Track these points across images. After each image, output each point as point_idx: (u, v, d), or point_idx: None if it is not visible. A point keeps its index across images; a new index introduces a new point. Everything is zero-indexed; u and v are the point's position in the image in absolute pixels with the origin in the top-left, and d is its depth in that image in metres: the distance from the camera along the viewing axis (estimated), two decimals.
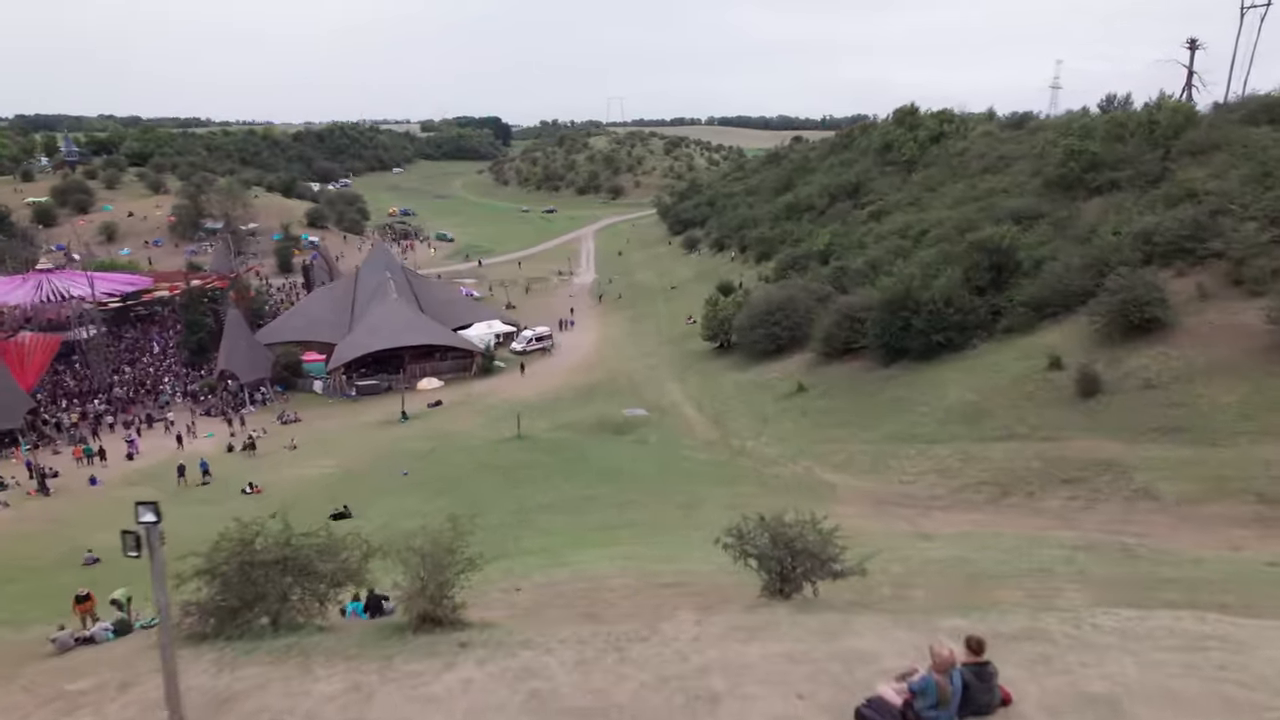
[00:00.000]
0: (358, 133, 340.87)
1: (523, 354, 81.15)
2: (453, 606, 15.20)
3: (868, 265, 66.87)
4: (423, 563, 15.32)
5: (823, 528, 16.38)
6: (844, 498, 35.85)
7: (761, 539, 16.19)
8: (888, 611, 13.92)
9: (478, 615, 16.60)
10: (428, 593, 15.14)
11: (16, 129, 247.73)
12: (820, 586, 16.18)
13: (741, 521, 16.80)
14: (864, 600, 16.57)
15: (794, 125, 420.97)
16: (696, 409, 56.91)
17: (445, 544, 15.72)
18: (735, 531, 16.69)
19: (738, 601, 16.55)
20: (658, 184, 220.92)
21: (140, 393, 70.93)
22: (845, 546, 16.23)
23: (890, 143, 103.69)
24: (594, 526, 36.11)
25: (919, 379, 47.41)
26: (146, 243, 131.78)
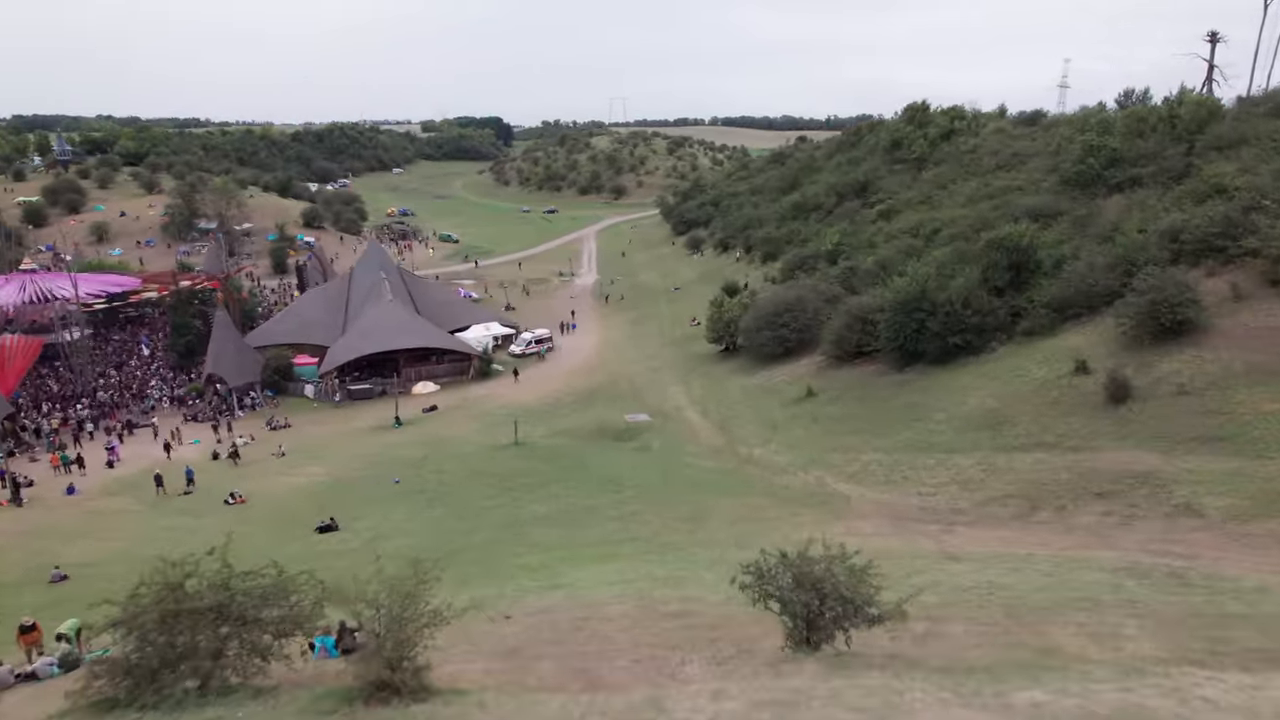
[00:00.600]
0: (357, 133, 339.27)
1: (521, 357, 79.20)
2: (414, 670, 12.66)
3: (878, 265, 64.90)
4: (377, 617, 12.84)
5: (854, 563, 14.33)
6: (860, 511, 33.87)
7: (784, 578, 14.12)
8: (941, 672, 11.89)
9: (451, 671, 14.48)
10: (384, 654, 12.54)
11: (11, 129, 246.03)
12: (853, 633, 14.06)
13: (760, 558, 14.76)
14: (903, 650, 14.55)
15: (798, 125, 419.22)
16: (701, 414, 54.95)
17: (405, 592, 13.20)
18: (754, 569, 14.64)
19: (756, 652, 14.56)
20: (661, 184, 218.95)
21: (125, 397, 69.04)
22: (880, 586, 14.17)
23: (899, 140, 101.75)
24: (593, 541, 34.15)
25: (935, 384, 45.46)
26: (139, 243, 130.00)
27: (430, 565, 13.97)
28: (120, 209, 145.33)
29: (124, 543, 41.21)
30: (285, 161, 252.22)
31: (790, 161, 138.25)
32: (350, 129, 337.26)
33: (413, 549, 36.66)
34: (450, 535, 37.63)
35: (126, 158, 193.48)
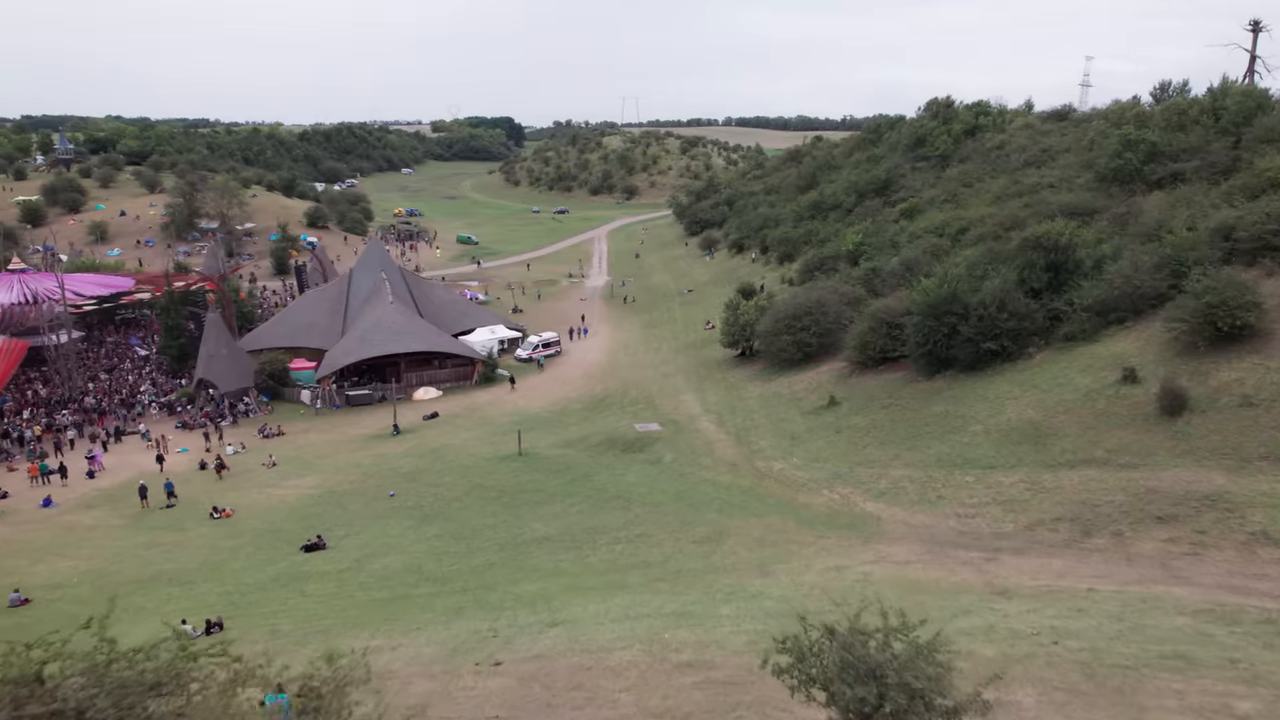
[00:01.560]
0: (366, 132, 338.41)
1: (527, 361, 76.73)
2: None
3: (903, 266, 62.06)
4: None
5: (919, 637, 11.60)
6: (891, 534, 31.16)
7: (830, 659, 11.27)
8: None
9: None
10: None
11: (16, 128, 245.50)
12: None
13: (801, 633, 11.93)
14: None
15: (814, 126, 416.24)
16: (716, 424, 52.28)
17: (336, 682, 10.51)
18: (792, 646, 11.71)
19: None
20: (674, 184, 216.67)
21: (113, 403, 66.85)
22: (952, 667, 11.44)
23: (922, 137, 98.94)
24: (598, 567, 31.63)
25: (968, 393, 42.68)
26: (138, 242, 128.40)
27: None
28: (121, 208, 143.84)
29: (97, 561, 39.03)
30: (292, 161, 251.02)
31: (807, 160, 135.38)
32: (359, 129, 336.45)
33: (404, 571, 34.34)
34: (445, 556, 35.16)
35: (130, 157, 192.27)
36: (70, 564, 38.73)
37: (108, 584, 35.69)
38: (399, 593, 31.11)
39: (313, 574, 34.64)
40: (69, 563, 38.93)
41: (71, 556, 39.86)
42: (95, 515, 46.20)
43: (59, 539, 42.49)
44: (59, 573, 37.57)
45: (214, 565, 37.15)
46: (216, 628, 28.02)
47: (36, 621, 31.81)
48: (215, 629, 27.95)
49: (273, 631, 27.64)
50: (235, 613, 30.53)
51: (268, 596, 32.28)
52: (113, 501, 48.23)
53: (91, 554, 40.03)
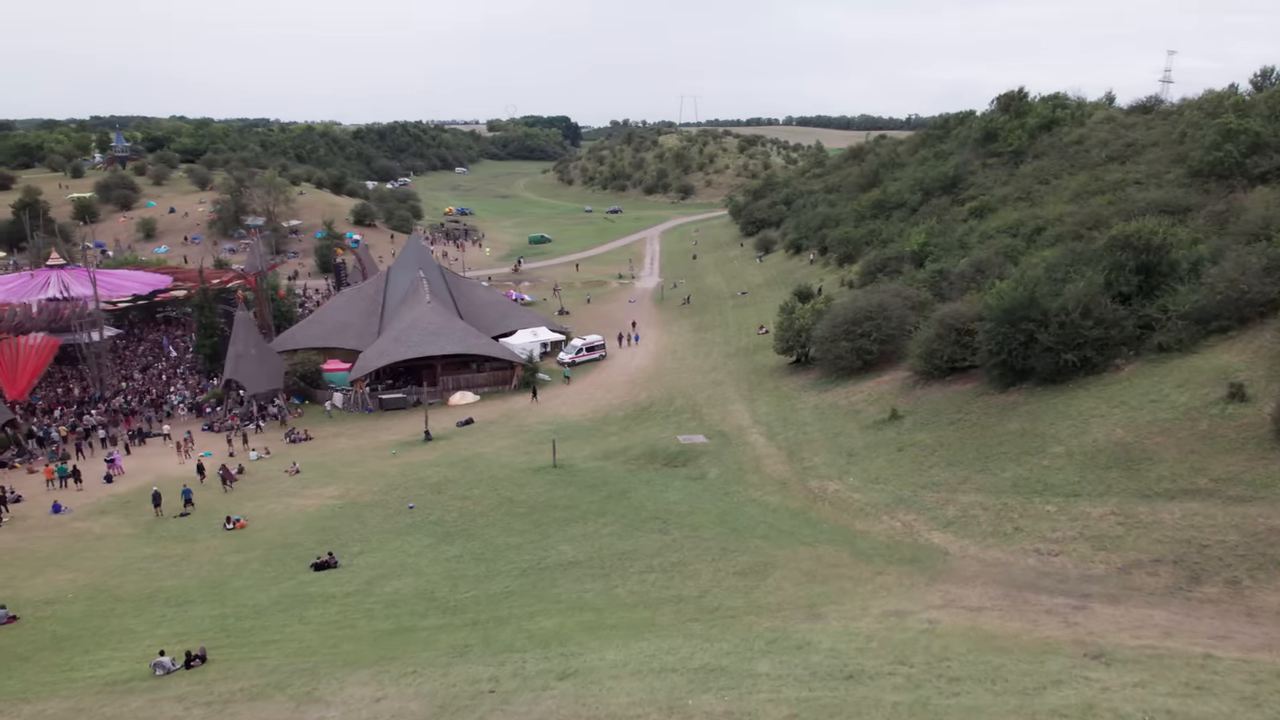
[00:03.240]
0: (420, 131, 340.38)
1: (571, 365, 74.10)
2: None
3: (973, 268, 58.10)
4: None
5: None
6: (961, 572, 27.58)
7: None
8: None
9: None
10: None
11: (78, 127, 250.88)
12: None
13: None
14: None
15: (877, 125, 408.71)
16: (767, 437, 48.92)
17: None
18: None
19: None
20: (730, 183, 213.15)
21: (142, 403, 65.68)
22: None
23: (994, 132, 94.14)
24: (626, 600, 28.57)
25: (1047, 408, 38.75)
26: (185, 239, 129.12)
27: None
28: (171, 205, 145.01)
29: (97, 575, 37.09)
30: (345, 159, 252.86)
31: (870, 158, 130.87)
32: (413, 127, 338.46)
33: (414, 597, 31.69)
34: (461, 581, 32.42)
35: (184, 155, 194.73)
36: (70, 577, 36.87)
37: (103, 601, 33.73)
38: (404, 624, 28.41)
39: (317, 597, 32.16)
40: (69, 575, 37.07)
41: (73, 568, 38.01)
42: (106, 523, 44.49)
43: (64, 548, 40.76)
44: (56, 586, 35.70)
45: (216, 583, 34.93)
46: (198, 660, 25.58)
47: (18, 642, 29.97)
48: (196, 662, 25.53)
49: (258, 667, 25.12)
50: (226, 640, 28.16)
51: (264, 623, 29.84)
52: (126, 508, 46.56)
53: (93, 566, 38.15)
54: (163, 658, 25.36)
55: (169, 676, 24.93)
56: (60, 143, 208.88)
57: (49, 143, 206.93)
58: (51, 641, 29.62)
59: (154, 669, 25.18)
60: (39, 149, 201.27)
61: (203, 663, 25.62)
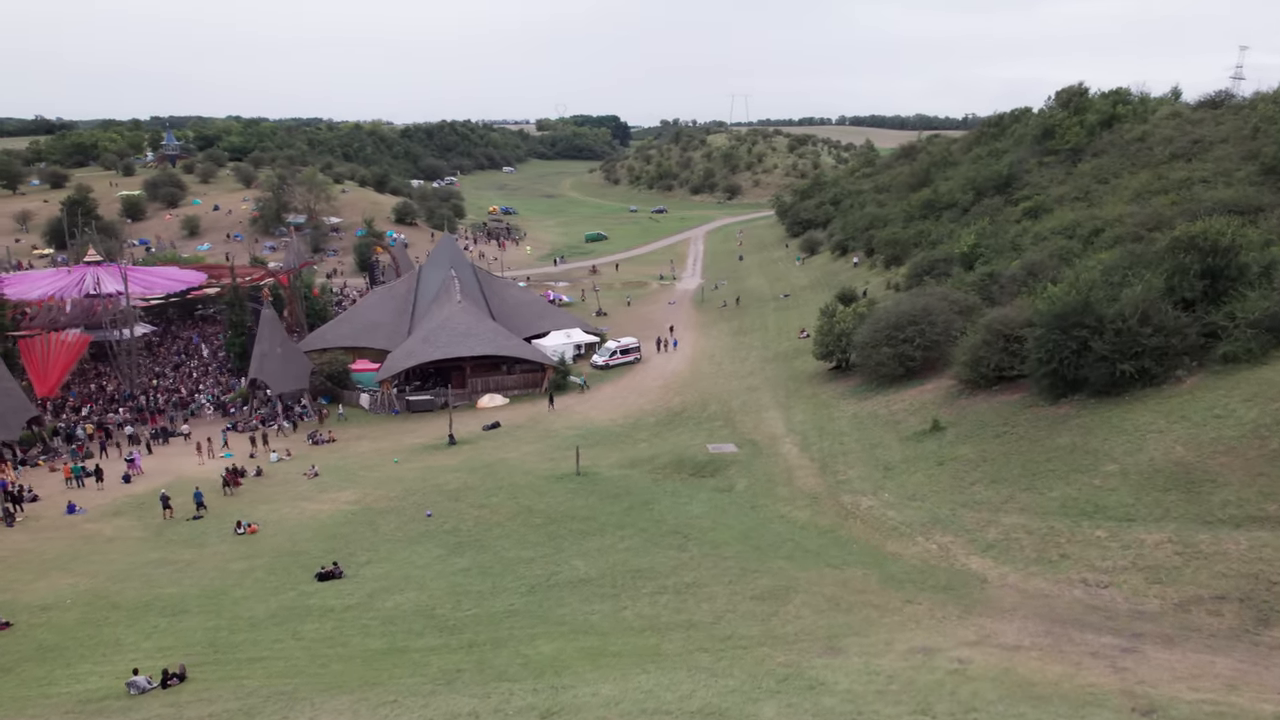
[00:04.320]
0: (468, 130, 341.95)
1: (603, 369, 72.57)
2: None
3: (1024, 271, 55.35)
4: None
5: None
6: (999, 603, 25.35)
7: None
8: None
9: None
10: None
11: (131, 125, 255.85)
12: None
13: None
14: None
15: (932, 125, 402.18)
16: (800, 447, 46.81)
17: None
18: None
19: None
20: (779, 183, 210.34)
21: (169, 402, 65.43)
22: None
23: (1051, 128, 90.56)
24: (634, 624, 26.80)
25: (1101, 422, 36.17)
26: (227, 236, 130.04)
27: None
28: (216, 203, 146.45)
29: (100, 580, 36.31)
30: (392, 158, 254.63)
31: (921, 156, 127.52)
32: (461, 126, 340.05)
33: (414, 614, 30.23)
34: (465, 598, 30.92)
35: (232, 153, 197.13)
36: (72, 581, 36.14)
37: (99, 609, 32.83)
38: (398, 643, 26.96)
39: (315, 610, 30.88)
40: (71, 579, 36.35)
41: (77, 572, 37.30)
42: (118, 525, 43.87)
43: (71, 550, 40.14)
44: (57, 591, 34.96)
45: (217, 592, 33.87)
46: (176, 679, 24.37)
47: (3, 652, 29.04)
48: (174, 681, 24.31)
49: (236, 688, 23.84)
50: (213, 656, 26.96)
51: (256, 637, 28.60)
52: (141, 509, 45.93)
53: (98, 570, 37.40)
54: (137, 677, 24.20)
55: (143, 696, 23.76)
56: (114, 141, 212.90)
57: (103, 141, 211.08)
58: (37, 652, 28.68)
59: (129, 688, 24.02)
60: (93, 148, 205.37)
61: (181, 682, 24.42)
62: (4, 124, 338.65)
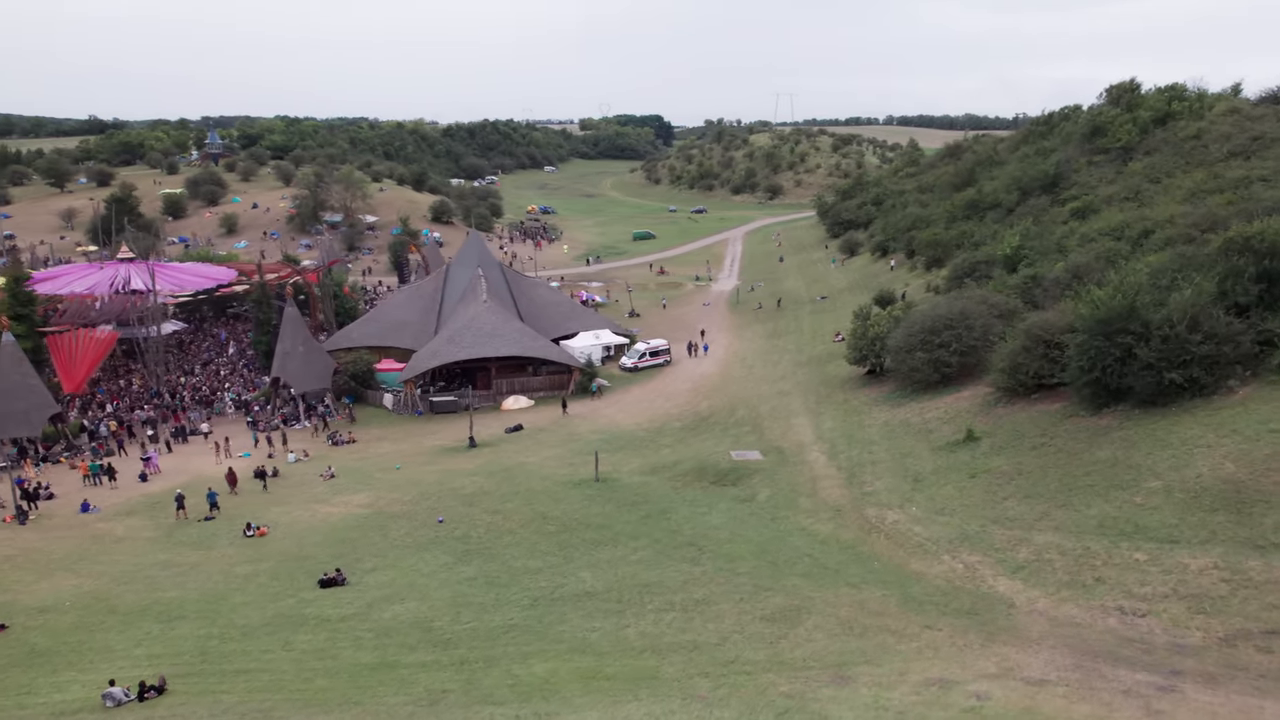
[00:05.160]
0: (510, 129, 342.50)
1: (632, 371, 71.33)
2: None
3: (1069, 273, 53.16)
4: None
5: None
6: (1025, 631, 23.61)
7: None
8: None
9: None
10: None
11: (178, 125, 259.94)
12: None
13: None
14: None
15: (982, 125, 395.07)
16: (828, 455, 45.15)
17: None
18: None
19: None
20: (821, 183, 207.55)
21: (193, 399, 65.36)
22: None
23: (1101, 126, 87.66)
24: (634, 643, 25.47)
25: (1144, 435, 34.12)
26: (264, 234, 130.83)
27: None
28: (255, 201, 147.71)
29: (103, 581, 35.83)
30: (434, 157, 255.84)
31: (967, 156, 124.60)
32: (503, 125, 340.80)
33: (411, 626, 29.15)
34: (465, 610, 29.80)
35: (274, 151, 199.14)
36: (76, 582, 35.69)
37: (96, 612, 32.26)
38: (389, 657, 25.90)
39: (312, 619, 29.97)
40: (75, 580, 35.92)
41: (82, 573, 36.87)
42: (129, 524, 43.48)
43: (79, 550, 39.76)
44: (58, 593, 34.48)
45: (216, 597, 33.14)
46: (153, 692, 23.51)
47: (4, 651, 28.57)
48: (151, 693, 23.46)
49: (213, 704, 22.96)
50: (198, 667, 26.14)
51: (247, 647, 27.73)
52: (154, 509, 45.54)
53: (102, 571, 36.95)
54: (113, 688, 23.39)
55: (118, 709, 22.97)
56: (160, 140, 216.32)
57: (150, 141, 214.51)
58: (26, 657, 28.07)
59: (104, 700, 23.23)
60: (140, 147, 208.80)
61: (158, 694, 23.57)
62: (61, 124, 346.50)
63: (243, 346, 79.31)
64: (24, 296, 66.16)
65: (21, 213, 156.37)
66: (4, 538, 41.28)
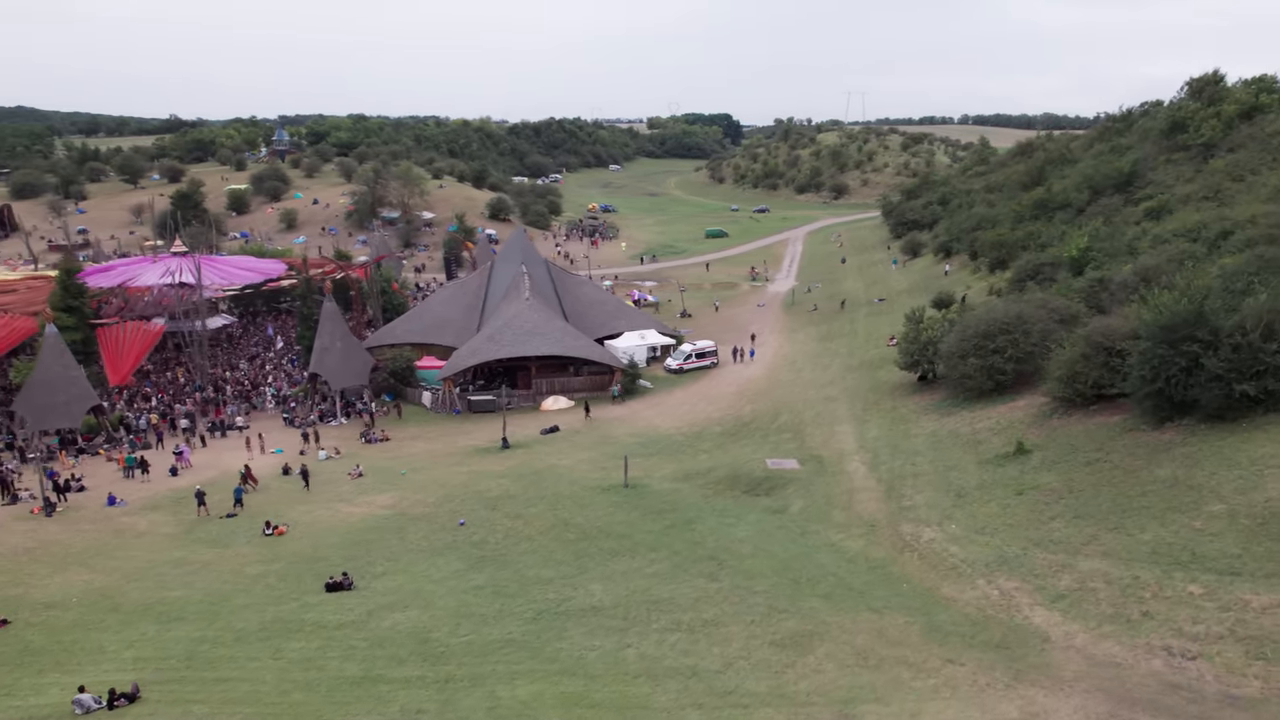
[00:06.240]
0: (575, 127, 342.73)
1: (676, 373, 69.64)
2: None
3: (1138, 276, 50.02)
4: None
5: None
6: (1058, 670, 21.37)
7: None
8: None
9: None
10: None
11: (248, 122, 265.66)
12: None
13: None
14: None
15: (1061, 125, 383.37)
16: (869, 466, 42.91)
17: None
18: None
19: None
20: (888, 183, 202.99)
21: (234, 394, 65.51)
22: None
23: (1181, 121, 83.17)
24: (631, 667, 23.85)
25: (1210, 453, 31.36)
26: (323, 230, 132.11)
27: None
28: (315, 197, 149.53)
29: (115, 577, 35.47)
30: (499, 155, 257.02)
31: (1037, 154, 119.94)
32: (569, 124, 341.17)
33: (406, 636, 27.89)
34: (466, 620, 28.53)
35: (340, 148, 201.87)
36: (87, 578, 35.36)
37: (99, 611, 31.79)
38: (374, 671, 24.69)
39: (308, 625, 28.97)
40: (87, 576, 35.60)
41: (96, 568, 36.57)
42: (152, 520, 43.22)
43: (98, 544, 39.56)
44: (68, 589, 34.17)
45: (219, 598, 32.41)
46: (123, 700, 22.67)
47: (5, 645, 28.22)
48: (121, 702, 22.60)
49: (183, 715, 22.03)
50: (182, 673, 25.31)
51: (235, 653, 26.80)
52: (179, 504, 45.21)
53: (115, 567, 36.60)
54: (83, 695, 22.61)
55: (87, 717, 22.12)
56: (231, 138, 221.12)
57: (221, 138, 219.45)
58: (17, 656, 27.57)
59: (74, 707, 22.42)
60: (211, 144, 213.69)
61: (129, 703, 22.73)
62: (145, 123, 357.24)
63: (290, 341, 79.60)
64: (75, 289, 67.12)
65: (96, 208, 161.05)
66: (28, 529, 41.32)
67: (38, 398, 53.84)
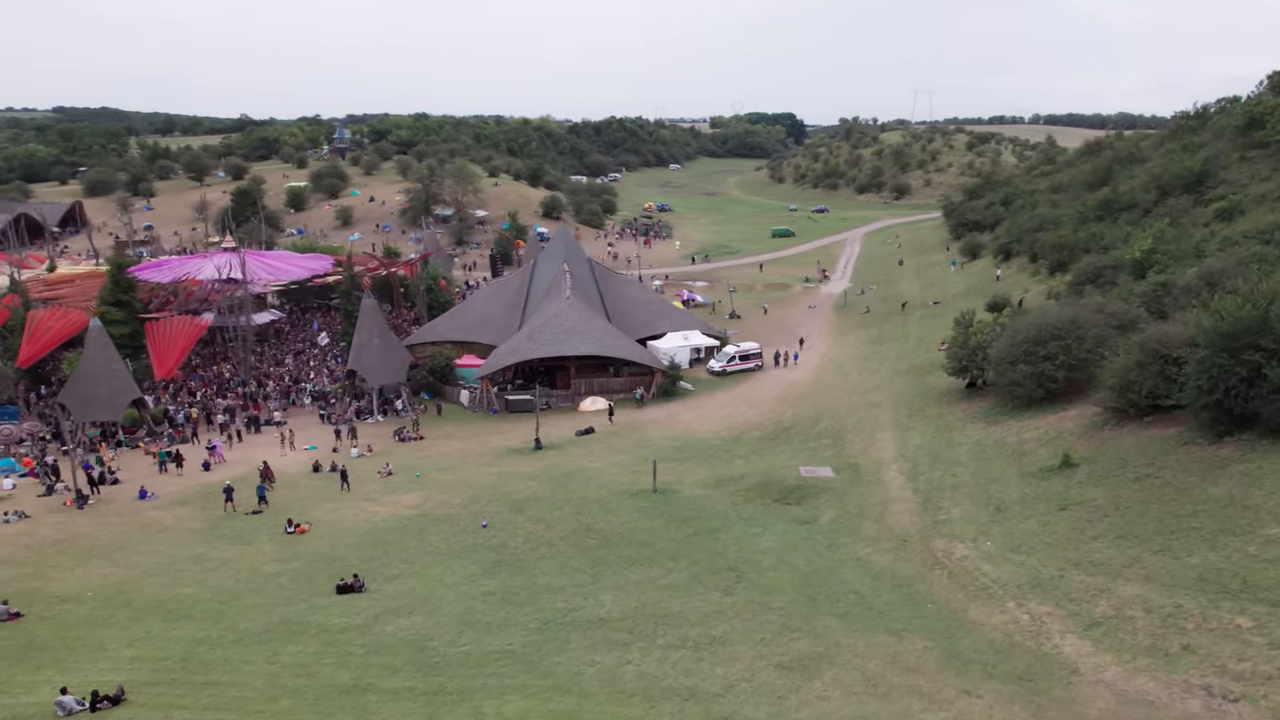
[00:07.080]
0: (636, 126, 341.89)
1: (719, 375, 68.25)
2: None
3: (1201, 280, 47.41)
4: None
5: None
6: (1084, 707, 19.70)
7: None
8: None
9: None
10: None
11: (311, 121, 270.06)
12: None
13: None
14: None
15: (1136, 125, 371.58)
16: (907, 476, 41.15)
17: None
18: None
19: None
20: (952, 183, 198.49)
21: (276, 390, 65.81)
22: None
23: (1259, 117, 79.25)
24: (627, 685, 22.76)
25: (1270, 470, 29.16)
26: (377, 227, 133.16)
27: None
28: (372, 194, 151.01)
29: (133, 572, 35.44)
30: (558, 154, 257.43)
31: (1105, 153, 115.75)
32: (630, 123, 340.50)
33: (407, 644, 27.12)
34: (469, 629, 27.70)
35: (399, 146, 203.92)
36: (106, 572, 35.40)
37: (110, 606, 31.68)
38: (366, 680, 23.94)
39: (311, 628, 28.41)
40: (107, 570, 35.63)
41: (118, 562, 36.63)
42: (179, 514, 43.25)
43: (122, 538, 39.65)
44: (86, 582, 34.22)
45: (230, 597, 32.09)
46: (106, 703, 22.21)
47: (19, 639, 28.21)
48: (104, 704, 22.16)
49: (165, 718, 21.38)
50: (173, 675, 24.86)
51: (232, 655, 26.30)
52: (207, 500, 45.23)
53: (136, 562, 36.59)
54: (65, 697, 22.20)
55: (70, 719, 21.69)
56: (294, 136, 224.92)
57: (284, 136, 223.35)
58: (21, 650, 27.46)
59: (57, 708, 22.03)
60: (275, 142, 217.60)
61: (113, 705, 22.28)
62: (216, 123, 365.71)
63: (334, 337, 79.97)
64: (125, 283, 68.18)
65: (163, 205, 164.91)
66: (58, 521, 41.67)
67: (81, 390, 54.61)
